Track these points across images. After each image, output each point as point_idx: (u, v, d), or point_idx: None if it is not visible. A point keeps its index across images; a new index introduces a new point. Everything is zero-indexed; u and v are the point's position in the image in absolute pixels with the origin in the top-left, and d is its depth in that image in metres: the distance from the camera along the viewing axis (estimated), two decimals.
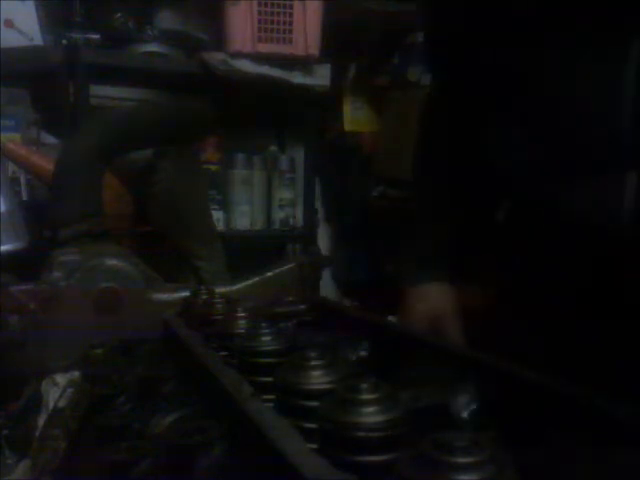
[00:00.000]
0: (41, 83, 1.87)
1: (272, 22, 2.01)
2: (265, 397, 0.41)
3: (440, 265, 0.96)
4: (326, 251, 2.62)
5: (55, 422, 0.63)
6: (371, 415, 0.32)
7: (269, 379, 0.44)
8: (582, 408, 0.38)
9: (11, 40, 1.74)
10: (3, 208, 1.28)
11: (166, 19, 2.05)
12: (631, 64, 0.63)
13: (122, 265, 0.92)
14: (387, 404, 0.32)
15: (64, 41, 1.87)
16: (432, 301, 0.93)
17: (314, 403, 0.36)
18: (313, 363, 0.39)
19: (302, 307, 0.72)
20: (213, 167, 2.19)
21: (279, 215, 2.35)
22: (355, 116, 2.47)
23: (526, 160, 0.73)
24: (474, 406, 0.41)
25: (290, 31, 2.03)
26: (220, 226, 2.12)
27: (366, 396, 0.33)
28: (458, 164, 0.93)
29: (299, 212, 2.37)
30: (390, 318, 0.91)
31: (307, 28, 2.04)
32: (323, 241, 2.63)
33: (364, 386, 0.33)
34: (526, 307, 0.76)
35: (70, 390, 0.67)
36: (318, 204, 2.53)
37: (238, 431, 0.41)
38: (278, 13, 2.02)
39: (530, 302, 0.75)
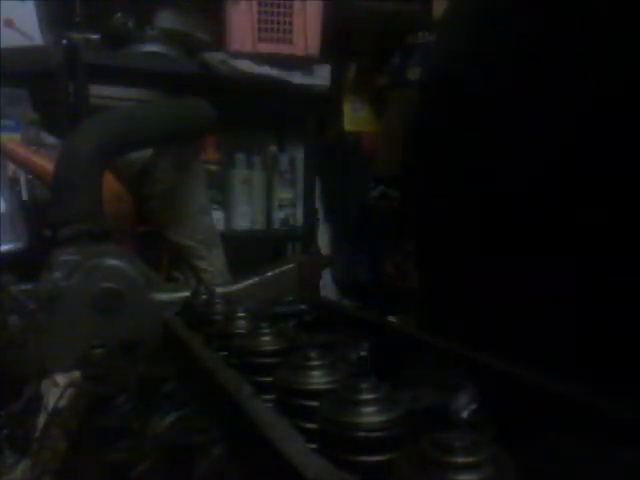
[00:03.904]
0: (41, 83, 1.86)
1: (272, 22, 2.01)
2: (265, 397, 0.41)
3: None
4: (326, 251, 2.62)
5: (55, 422, 0.63)
6: (371, 415, 0.32)
7: (269, 379, 0.44)
8: (582, 408, 0.38)
9: (11, 40, 1.74)
10: (3, 208, 1.28)
11: (166, 19, 2.05)
12: None
13: (122, 265, 0.92)
14: (387, 404, 0.32)
15: (64, 41, 1.87)
16: None
17: (314, 403, 0.36)
18: (313, 363, 0.39)
19: (302, 307, 0.72)
20: (213, 167, 2.19)
21: (279, 215, 2.35)
22: (355, 116, 2.47)
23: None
24: (474, 406, 0.41)
25: (290, 31, 2.03)
26: (220, 226, 2.12)
27: (366, 396, 0.33)
28: None
29: (299, 212, 2.37)
30: (390, 318, 0.91)
31: (307, 28, 2.04)
32: (323, 241, 2.63)
33: (364, 386, 0.33)
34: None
35: (70, 390, 0.67)
36: (318, 204, 2.53)
37: (238, 431, 0.41)
38: (278, 13, 2.02)
39: None
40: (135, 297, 0.90)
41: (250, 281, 0.97)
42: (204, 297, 0.69)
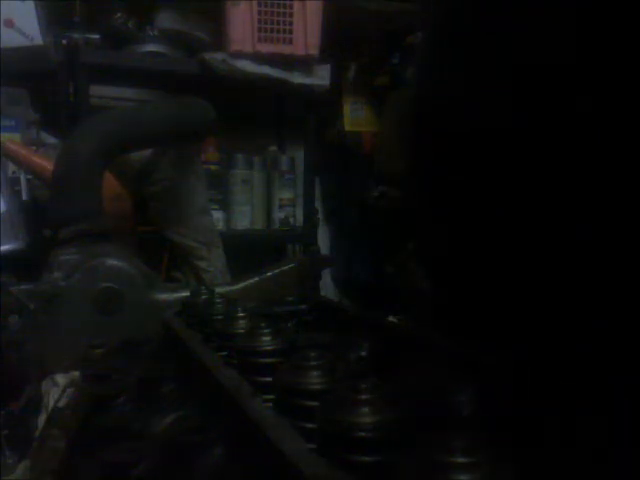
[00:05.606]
0: (41, 83, 1.86)
1: (272, 22, 2.01)
2: (265, 397, 0.41)
3: None
4: (326, 251, 2.61)
5: (55, 422, 0.63)
6: (370, 415, 0.32)
7: (269, 379, 0.44)
8: (582, 408, 0.38)
9: (11, 40, 1.74)
10: (3, 208, 1.28)
11: (166, 19, 2.05)
12: None
13: (122, 265, 0.92)
14: (386, 404, 0.32)
15: (64, 41, 1.87)
16: None
17: (314, 403, 0.36)
18: (313, 363, 0.39)
19: (302, 307, 0.72)
20: (213, 167, 2.19)
21: (279, 215, 2.35)
22: (355, 116, 2.47)
23: None
24: (474, 406, 0.41)
25: (290, 31, 2.03)
26: (220, 226, 2.12)
27: (365, 396, 0.33)
28: None
29: (299, 212, 2.37)
30: (390, 318, 0.91)
31: (307, 28, 2.04)
32: (323, 241, 2.63)
33: (364, 386, 0.33)
34: None
35: (70, 390, 0.67)
36: (318, 204, 2.53)
37: (238, 431, 0.41)
38: (278, 13, 2.02)
39: None
40: (135, 297, 0.90)
41: (250, 281, 0.98)
42: (204, 297, 0.69)
